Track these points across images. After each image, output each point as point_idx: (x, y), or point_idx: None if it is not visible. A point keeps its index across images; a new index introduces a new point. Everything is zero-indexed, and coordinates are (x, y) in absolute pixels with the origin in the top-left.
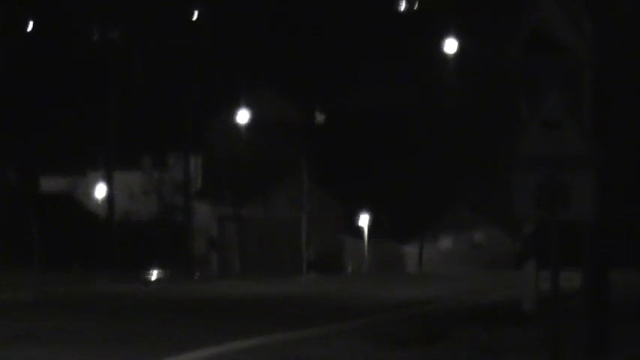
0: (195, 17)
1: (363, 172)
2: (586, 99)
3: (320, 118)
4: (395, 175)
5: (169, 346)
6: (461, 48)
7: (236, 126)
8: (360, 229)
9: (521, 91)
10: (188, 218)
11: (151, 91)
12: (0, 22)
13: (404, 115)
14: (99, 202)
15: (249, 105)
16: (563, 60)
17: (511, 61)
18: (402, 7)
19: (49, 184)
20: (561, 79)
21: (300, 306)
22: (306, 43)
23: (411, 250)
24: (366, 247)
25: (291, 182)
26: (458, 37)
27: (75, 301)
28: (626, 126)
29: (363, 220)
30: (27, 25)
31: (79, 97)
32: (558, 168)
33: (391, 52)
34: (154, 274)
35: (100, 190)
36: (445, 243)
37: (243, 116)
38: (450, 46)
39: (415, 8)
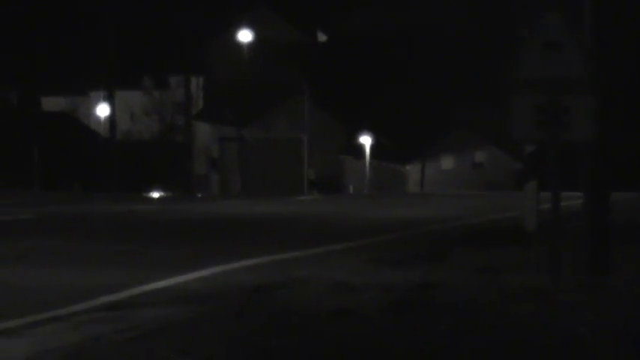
0: None
1: (364, 93)
2: (586, 19)
3: (322, 38)
4: (396, 96)
5: (169, 266)
6: None
7: (237, 46)
8: (361, 150)
9: (521, 13)
10: (189, 138)
11: (151, 10)
12: None
13: (405, 37)
14: (100, 122)
15: (250, 25)
16: None
17: None
18: None
19: (50, 103)
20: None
21: (299, 226)
22: None
23: (412, 171)
24: (367, 168)
25: (292, 103)
26: None
27: (75, 221)
28: (627, 48)
29: (364, 141)
30: None
31: (80, 16)
32: (559, 89)
33: None
34: (156, 194)
35: (102, 110)
36: (446, 163)
37: (244, 36)
38: None
39: None
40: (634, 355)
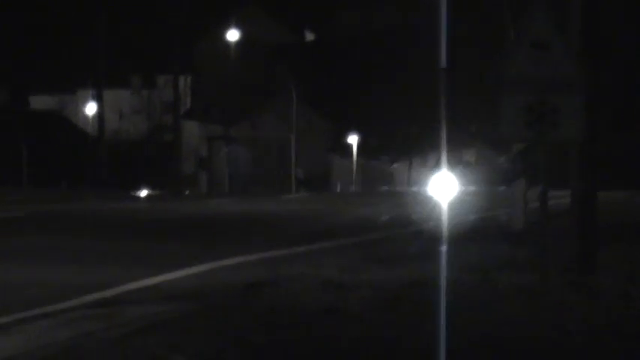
0: None
1: (352, 92)
2: (575, 19)
3: (309, 37)
4: (384, 95)
5: (158, 264)
6: None
7: (225, 45)
8: (349, 149)
9: (509, 13)
10: (177, 137)
11: (140, 9)
12: None
13: (392, 36)
14: (89, 121)
15: (238, 24)
16: None
17: None
18: None
19: (39, 102)
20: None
21: (288, 224)
22: None
23: (399, 169)
24: (354, 166)
25: (281, 102)
26: None
27: (65, 219)
28: (613, 49)
29: (352, 140)
30: None
31: (69, 15)
32: (547, 89)
33: None
34: (144, 193)
35: (90, 109)
36: (434, 161)
37: (232, 35)
38: None
39: None
40: (620, 350)
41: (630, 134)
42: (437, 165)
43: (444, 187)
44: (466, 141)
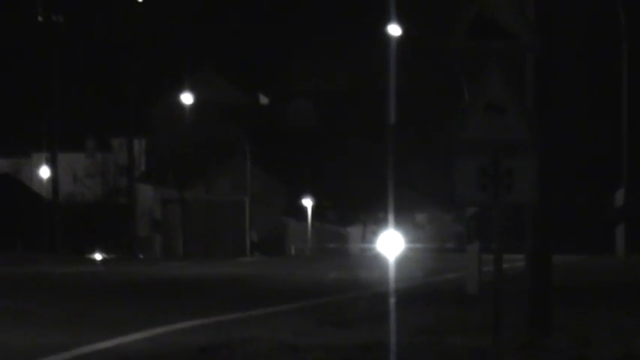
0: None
1: (305, 155)
2: (528, 83)
3: (263, 100)
4: (336, 157)
5: (112, 327)
6: (404, 32)
7: (179, 108)
8: (303, 212)
9: (463, 76)
10: (132, 200)
11: (94, 72)
12: None
13: (345, 99)
14: (43, 184)
15: (193, 87)
16: (507, 44)
17: (453, 46)
18: None
19: None
20: (504, 64)
21: (242, 287)
22: (249, 25)
23: (353, 232)
24: (309, 230)
25: (235, 164)
26: (399, 20)
27: (19, 281)
28: (566, 113)
29: (307, 203)
30: None
31: (22, 78)
32: (501, 152)
33: (331, 36)
34: (98, 256)
35: (44, 172)
36: (382, 221)
37: (186, 98)
38: (393, 30)
39: None
40: None
41: (582, 196)
42: (384, 224)
43: (391, 245)
44: (418, 202)
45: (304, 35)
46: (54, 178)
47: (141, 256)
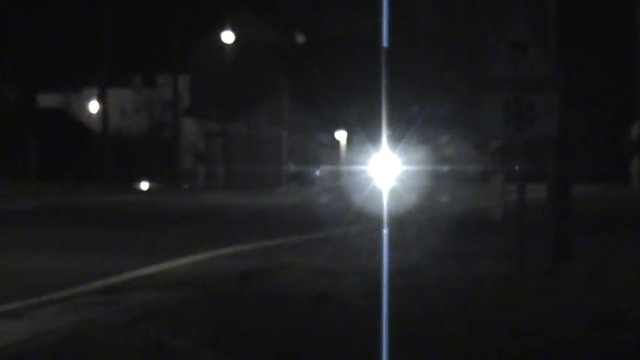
0: None
1: (340, 91)
2: (550, 22)
3: (300, 39)
4: (370, 93)
5: (158, 253)
6: None
7: (221, 46)
8: (338, 144)
9: (488, 16)
10: (176, 134)
11: (141, 12)
12: None
13: (378, 38)
14: (93, 118)
15: (233, 26)
16: None
17: None
18: None
19: (46, 100)
20: (527, 3)
21: (281, 216)
22: None
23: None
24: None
25: (273, 101)
26: None
27: (71, 210)
28: (585, 50)
29: (340, 137)
30: None
31: (74, 15)
32: (524, 89)
33: None
34: (145, 186)
35: (94, 107)
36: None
37: (227, 37)
38: None
39: None
40: (593, 335)
41: (603, 130)
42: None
43: (387, 169)
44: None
45: None
46: (104, 112)
47: (185, 187)
